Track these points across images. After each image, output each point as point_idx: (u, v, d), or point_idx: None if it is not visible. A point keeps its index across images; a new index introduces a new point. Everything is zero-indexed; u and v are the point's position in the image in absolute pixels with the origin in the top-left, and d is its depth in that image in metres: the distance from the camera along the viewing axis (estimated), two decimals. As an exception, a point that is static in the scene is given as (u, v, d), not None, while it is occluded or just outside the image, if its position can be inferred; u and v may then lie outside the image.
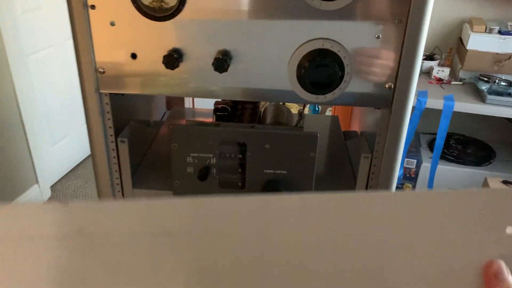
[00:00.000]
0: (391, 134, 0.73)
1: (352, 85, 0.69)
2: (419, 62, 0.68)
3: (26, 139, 2.21)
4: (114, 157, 0.79)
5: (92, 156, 0.79)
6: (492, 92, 1.93)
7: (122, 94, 0.74)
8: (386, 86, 0.69)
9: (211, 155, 0.76)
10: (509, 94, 1.91)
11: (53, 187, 2.48)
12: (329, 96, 0.69)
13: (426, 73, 2.15)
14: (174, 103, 1.26)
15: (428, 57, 2.18)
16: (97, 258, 0.40)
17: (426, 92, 1.99)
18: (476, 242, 0.40)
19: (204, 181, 0.77)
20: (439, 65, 2.14)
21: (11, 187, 2.18)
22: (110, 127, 0.76)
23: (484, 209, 0.40)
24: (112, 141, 0.78)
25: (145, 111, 1.08)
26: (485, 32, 1.99)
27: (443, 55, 2.19)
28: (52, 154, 2.44)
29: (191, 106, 1.30)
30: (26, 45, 2.14)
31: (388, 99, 0.70)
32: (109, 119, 0.76)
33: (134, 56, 0.70)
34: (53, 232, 0.39)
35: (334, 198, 0.40)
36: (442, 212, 0.40)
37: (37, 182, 2.32)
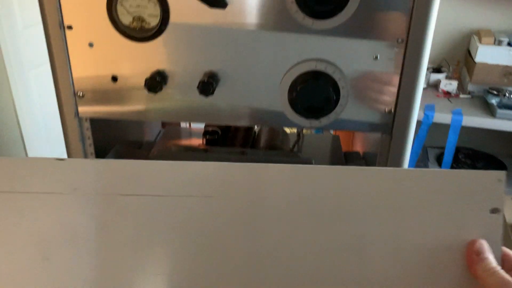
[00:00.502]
0: (392, 161, 0.67)
1: (349, 109, 0.63)
2: (421, 84, 0.63)
3: (26, 154, 2.18)
4: (97, 185, 0.75)
5: (73, 184, 0.74)
6: (502, 105, 1.87)
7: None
8: (386, 110, 0.64)
9: (199, 183, 0.71)
10: (520, 108, 1.85)
11: (53, 203, 2.45)
12: (324, 121, 0.64)
13: (434, 86, 2.09)
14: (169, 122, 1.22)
15: (435, 69, 2.12)
16: (91, 215, 0.40)
17: (433, 106, 1.93)
18: (460, 221, 0.42)
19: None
20: (446, 78, 2.08)
21: (10, 204, 2.14)
22: (91, 154, 0.72)
23: (470, 190, 0.41)
24: (94, 168, 0.73)
25: (138, 130, 1.03)
26: (494, 44, 1.93)
27: (451, 67, 2.13)
28: (52, 170, 2.41)
29: (187, 125, 1.25)
30: (27, 60, 2.12)
31: (388, 124, 0.65)
32: (90, 145, 0.71)
33: (114, 79, 0.65)
34: (50, 187, 0.40)
35: (327, 170, 0.42)
36: (429, 191, 0.42)
37: (37, 198, 2.29)
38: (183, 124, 1.22)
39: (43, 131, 2.29)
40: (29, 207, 0.40)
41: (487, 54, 1.93)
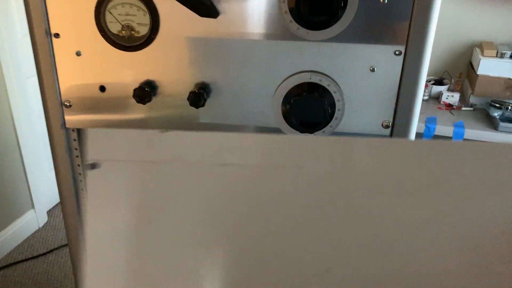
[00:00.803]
0: (390, 177, 0.65)
1: (344, 122, 0.61)
2: (420, 97, 0.60)
3: (23, 163, 2.16)
4: (85, 198, 0.72)
5: (60, 197, 0.72)
6: (504, 119, 1.84)
7: (93, 129, 0.67)
8: (383, 124, 0.61)
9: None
10: (523, 121, 1.82)
11: (50, 212, 2.42)
12: (319, 135, 0.62)
13: (435, 98, 2.07)
14: (164, 132, 1.20)
15: (437, 81, 2.10)
16: (191, 183, 0.42)
17: (435, 118, 1.90)
18: None
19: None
20: (448, 90, 2.06)
21: (7, 212, 2.12)
22: (78, 165, 0.69)
23: None
24: (81, 180, 0.71)
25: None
26: (496, 56, 1.91)
27: (453, 79, 2.11)
28: (49, 179, 2.38)
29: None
30: (25, 68, 2.11)
31: (385, 139, 0.62)
32: (77, 156, 0.69)
33: (102, 88, 0.63)
34: (152, 156, 0.41)
35: (392, 142, 0.41)
36: (491, 164, 0.39)
37: (33, 207, 2.26)
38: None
39: (40, 138, 2.27)
40: (133, 174, 0.42)
41: (489, 67, 1.91)
